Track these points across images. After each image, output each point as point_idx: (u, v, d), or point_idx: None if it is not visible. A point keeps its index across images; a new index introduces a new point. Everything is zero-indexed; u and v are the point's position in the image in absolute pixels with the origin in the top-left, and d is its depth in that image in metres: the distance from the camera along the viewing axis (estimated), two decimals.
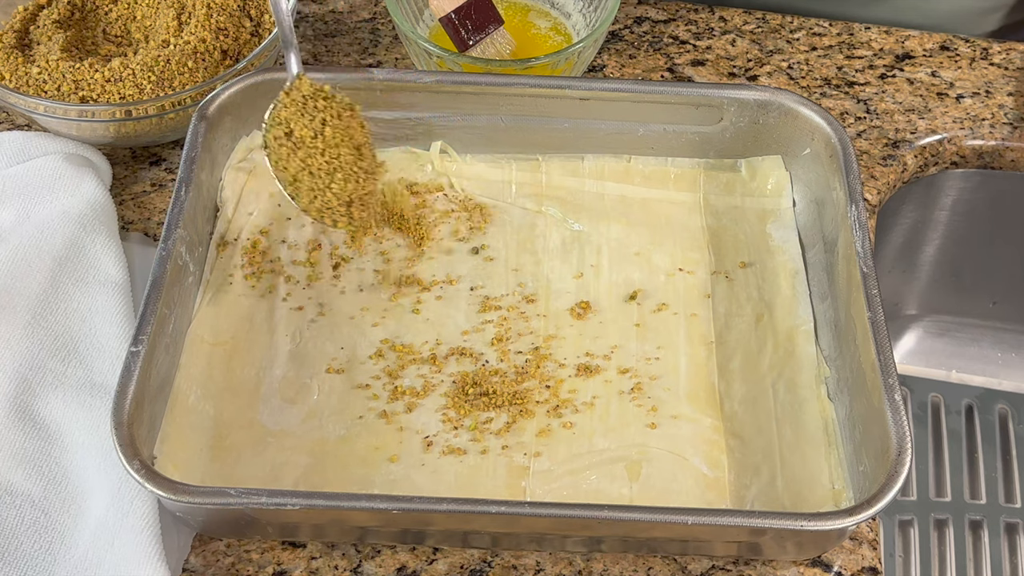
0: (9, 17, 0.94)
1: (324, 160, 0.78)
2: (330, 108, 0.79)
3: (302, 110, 0.79)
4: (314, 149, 0.79)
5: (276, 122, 0.80)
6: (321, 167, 0.79)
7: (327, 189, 0.79)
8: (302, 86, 0.80)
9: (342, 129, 0.79)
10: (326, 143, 0.78)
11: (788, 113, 0.87)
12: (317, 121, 0.79)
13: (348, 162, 0.79)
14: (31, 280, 0.82)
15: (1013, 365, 1.19)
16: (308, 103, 0.80)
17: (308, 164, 0.79)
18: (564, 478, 0.75)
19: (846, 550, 0.75)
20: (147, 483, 0.67)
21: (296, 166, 0.79)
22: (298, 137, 0.79)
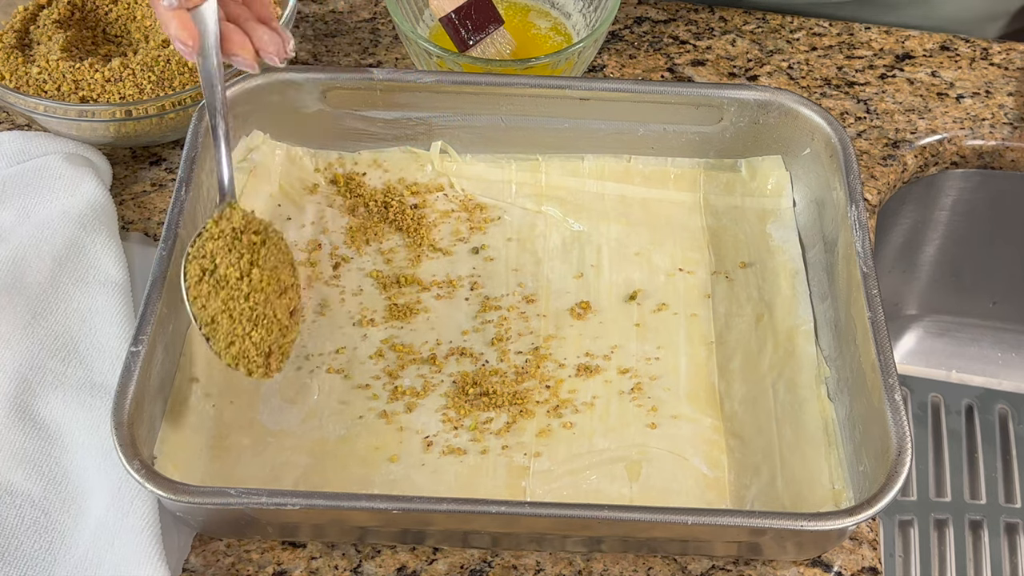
0: (9, 17, 0.94)
1: (247, 305, 0.72)
2: (261, 245, 0.74)
3: (230, 245, 0.73)
4: (238, 292, 0.72)
5: (200, 254, 0.73)
6: (243, 312, 0.72)
7: (246, 337, 0.73)
8: (233, 217, 0.74)
9: (270, 270, 0.74)
10: (251, 287, 0.73)
11: (788, 113, 0.87)
12: (245, 261, 0.73)
13: (273, 310, 0.73)
14: (31, 280, 0.82)
15: (1013, 365, 1.19)
16: (238, 238, 0.74)
17: (229, 307, 0.72)
18: (564, 478, 0.75)
19: (846, 550, 0.75)
20: (147, 483, 0.67)
21: (216, 307, 0.72)
22: (222, 276, 0.72)
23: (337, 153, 0.91)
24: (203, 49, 0.75)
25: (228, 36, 0.76)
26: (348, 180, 0.89)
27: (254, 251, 0.74)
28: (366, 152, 0.91)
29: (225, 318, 0.72)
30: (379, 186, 0.90)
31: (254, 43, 0.77)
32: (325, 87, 0.87)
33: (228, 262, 0.73)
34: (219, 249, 0.73)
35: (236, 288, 0.73)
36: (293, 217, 0.87)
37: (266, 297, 0.73)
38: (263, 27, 0.78)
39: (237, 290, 0.73)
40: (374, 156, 0.91)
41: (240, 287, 0.73)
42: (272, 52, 0.78)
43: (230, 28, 0.76)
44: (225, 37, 0.76)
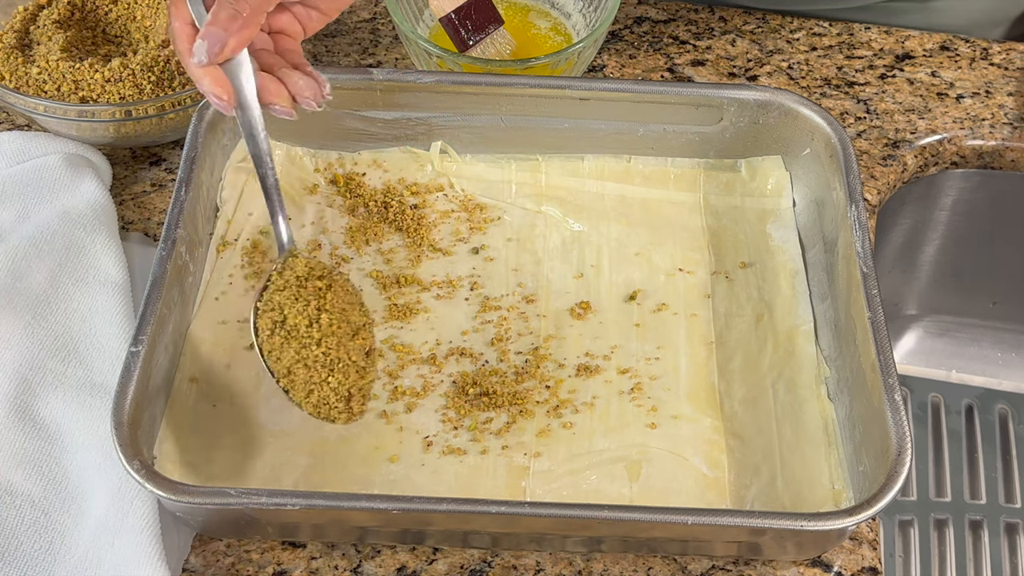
0: (9, 17, 0.94)
1: (320, 351, 0.72)
2: (327, 290, 0.74)
3: (296, 294, 0.73)
4: (309, 339, 0.72)
5: (268, 307, 0.73)
6: (317, 359, 0.72)
7: (324, 384, 0.72)
8: (296, 265, 0.74)
9: (339, 314, 0.73)
10: (322, 332, 0.72)
11: (788, 113, 0.87)
12: (312, 308, 0.73)
13: (347, 352, 0.73)
14: (31, 280, 0.82)
15: (1013, 365, 1.19)
16: (303, 286, 0.73)
17: (303, 356, 0.72)
18: (564, 478, 0.75)
19: (846, 550, 0.75)
20: (147, 483, 0.67)
21: (290, 358, 0.72)
22: (292, 326, 0.72)
23: (337, 153, 0.91)
24: (241, 102, 0.74)
25: (263, 85, 0.75)
26: (348, 180, 0.89)
27: (320, 297, 0.73)
28: (366, 152, 0.91)
29: (301, 368, 0.72)
30: (379, 186, 0.90)
31: (290, 89, 0.77)
32: None
33: (296, 311, 0.72)
34: (286, 300, 0.73)
35: (307, 336, 0.72)
36: (293, 217, 0.87)
37: (338, 341, 0.73)
38: (297, 73, 0.77)
39: (308, 338, 0.72)
40: (374, 156, 0.91)
41: (311, 334, 0.72)
42: (309, 96, 0.77)
43: (265, 77, 0.75)
44: (261, 87, 0.75)
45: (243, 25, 0.72)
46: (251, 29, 0.72)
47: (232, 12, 0.71)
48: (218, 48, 0.71)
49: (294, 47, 0.80)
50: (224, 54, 0.72)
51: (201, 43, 0.71)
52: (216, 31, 0.71)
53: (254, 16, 0.72)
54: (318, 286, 0.74)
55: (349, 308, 0.75)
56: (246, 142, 0.75)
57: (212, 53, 0.71)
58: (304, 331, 0.72)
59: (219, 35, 0.71)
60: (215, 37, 0.71)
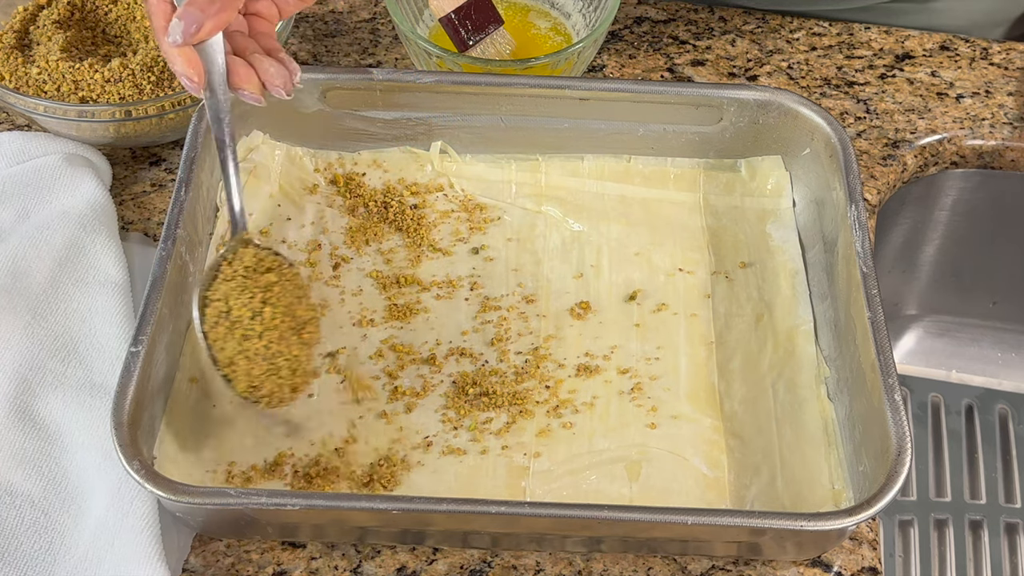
0: (9, 17, 0.94)
1: (262, 344, 0.72)
2: (275, 284, 0.73)
3: (243, 285, 0.73)
4: (251, 332, 0.72)
5: (215, 297, 0.73)
6: (259, 352, 0.72)
7: (263, 376, 0.72)
8: (245, 256, 0.74)
9: (283, 308, 0.73)
10: (264, 325, 0.72)
11: (788, 113, 0.87)
12: (257, 300, 0.72)
13: (288, 347, 0.72)
14: (31, 280, 0.82)
15: (1013, 365, 1.19)
16: (250, 277, 0.73)
17: (244, 348, 0.71)
18: (564, 478, 0.75)
19: (846, 550, 0.75)
20: (147, 483, 0.67)
21: (233, 348, 0.72)
22: (236, 317, 0.72)
23: (337, 153, 0.91)
24: (209, 84, 0.74)
25: (234, 69, 0.75)
26: (348, 180, 0.89)
27: (267, 290, 0.73)
28: (366, 152, 0.91)
29: (242, 359, 0.72)
30: (379, 186, 0.90)
31: (260, 76, 0.76)
32: (325, 87, 0.87)
33: (241, 303, 0.72)
34: (232, 290, 0.73)
35: (249, 328, 0.72)
36: (293, 217, 0.87)
37: (280, 335, 0.72)
38: (269, 59, 0.77)
39: (251, 330, 0.72)
40: (374, 156, 0.91)
41: (253, 327, 0.72)
42: (279, 85, 0.76)
43: (236, 61, 0.75)
44: (231, 71, 0.74)
45: (221, 8, 0.71)
46: (229, 12, 0.71)
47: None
48: (194, 29, 0.70)
49: (268, 31, 0.79)
50: (199, 36, 0.71)
51: (177, 23, 0.70)
52: (194, 12, 0.70)
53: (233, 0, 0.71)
54: (269, 279, 0.74)
55: (296, 302, 0.74)
56: (211, 125, 0.75)
57: (188, 34, 0.70)
58: (247, 323, 0.72)
59: (196, 16, 0.70)
60: (192, 18, 0.70)
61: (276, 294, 0.73)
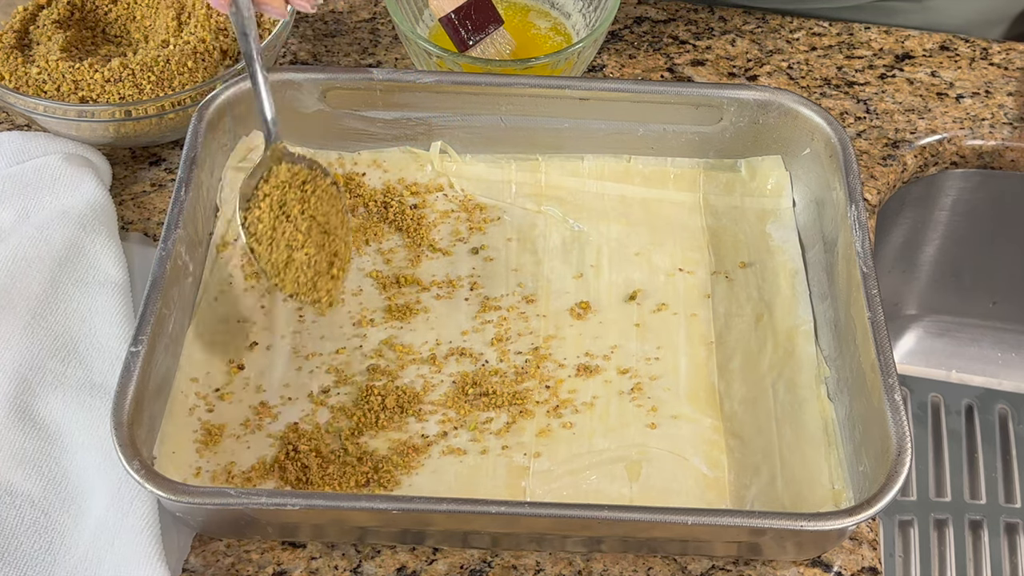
0: (9, 17, 0.94)
1: (303, 253, 0.78)
2: (309, 194, 0.79)
3: (281, 200, 0.78)
4: (295, 242, 0.77)
5: (258, 216, 0.78)
6: (303, 261, 0.78)
7: (309, 280, 0.78)
8: (280, 172, 0.79)
9: (321, 216, 0.79)
10: (304, 235, 0.78)
11: (788, 113, 0.87)
12: (296, 212, 0.78)
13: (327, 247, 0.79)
14: (31, 280, 0.82)
15: (1013, 365, 1.19)
16: (288, 191, 0.79)
17: (291, 258, 0.78)
18: (564, 478, 0.75)
19: (846, 550, 0.75)
20: (147, 483, 0.67)
21: (279, 258, 0.78)
22: (278, 232, 0.78)
23: (337, 153, 0.91)
24: (236, 1, 0.77)
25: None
26: (348, 180, 0.89)
27: (305, 201, 0.78)
28: (366, 152, 0.91)
29: (289, 269, 0.77)
30: (379, 186, 0.90)
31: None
32: (325, 87, 0.87)
33: (281, 219, 0.77)
34: (272, 207, 0.78)
35: (293, 239, 0.77)
36: None
37: (319, 241, 0.78)
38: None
39: (294, 240, 0.77)
40: (374, 156, 0.91)
41: (297, 237, 0.77)
42: (303, 3, 0.79)
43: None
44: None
45: None
46: None
47: None
48: None
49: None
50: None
51: None
52: None
53: None
54: (303, 192, 0.79)
55: (331, 209, 0.80)
56: (238, 40, 0.79)
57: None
58: (290, 235, 0.77)
59: None
60: None
61: (312, 205, 0.78)
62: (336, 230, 0.80)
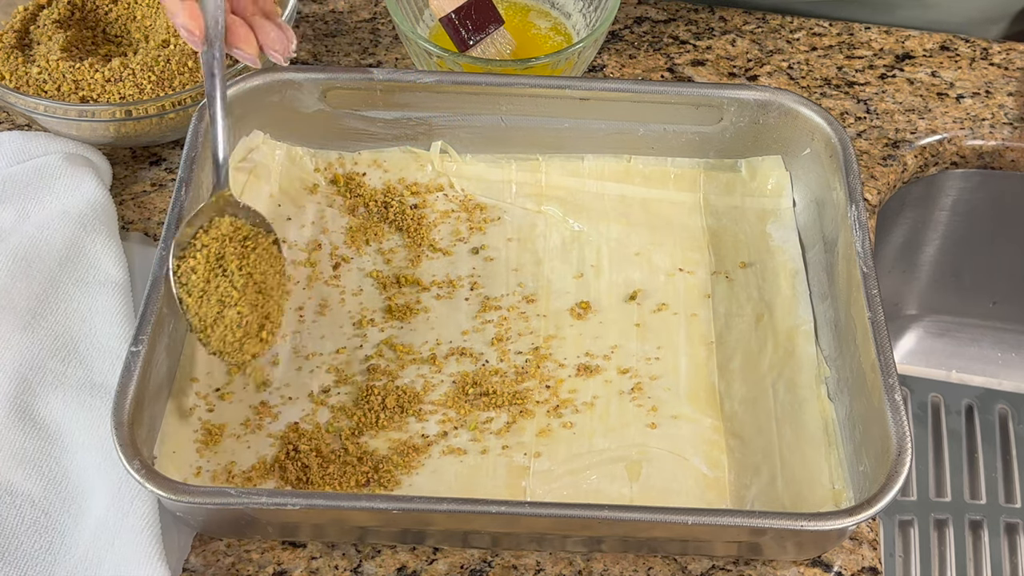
0: (9, 17, 0.94)
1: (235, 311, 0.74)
2: (251, 251, 0.76)
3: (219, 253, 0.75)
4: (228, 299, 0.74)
5: (192, 265, 0.75)
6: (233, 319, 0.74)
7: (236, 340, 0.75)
8: (222, 225, 0.76)
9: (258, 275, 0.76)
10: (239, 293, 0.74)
11: (788, 113, 0.87)
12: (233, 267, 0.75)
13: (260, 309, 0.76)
14: (31, 280, 0.82)
15: (1013, 365, 1.19)
16: (227, 246, 0.76)
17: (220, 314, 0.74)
18: (564, 478, 0.75)
19: (846, 550, 0.75)
20: (147, 483, 0.67)
21: (208, 314, 0.74)
22: (211, 286, 0.75)
23: (337, 153, 0.91)
24: (207, 39, 0.76)
25: (233, 29, 0.77)
26: (348, 180, 0.89)
27: (244, 257, 0.75)
28: (366, 152, 0.91)
29: (217, 325, 0.74)
30: (379, 186, 0.90)
31: (259, 38, 0.78)
32: (325, 87, 0.87)
33: (216, 272, 0.74)
34: (207, 259, 0.75)
35: (226, 295, 0.74)
36: (293, 217, 0.87)
37: (252, 301, 0.75)
38: (269, 23, 0.78)
39: (227, 297, 0.74)
40: (374, 156, 0.91)
41: (231, 294, 0.74)
42: (277, 50, 0.78)
43: (235, 21, 0.77)
44: (230, 30, 0.76)
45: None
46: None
47: None
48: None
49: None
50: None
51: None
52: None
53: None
54: (243, 248, 0.76)
55: (269, 269, 0.77)
56: (205, 80, 0.77)
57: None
58: (223, 290, 0.74)
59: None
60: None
61: (251, 262, 0.75)
62: (271, 291, 0.77)
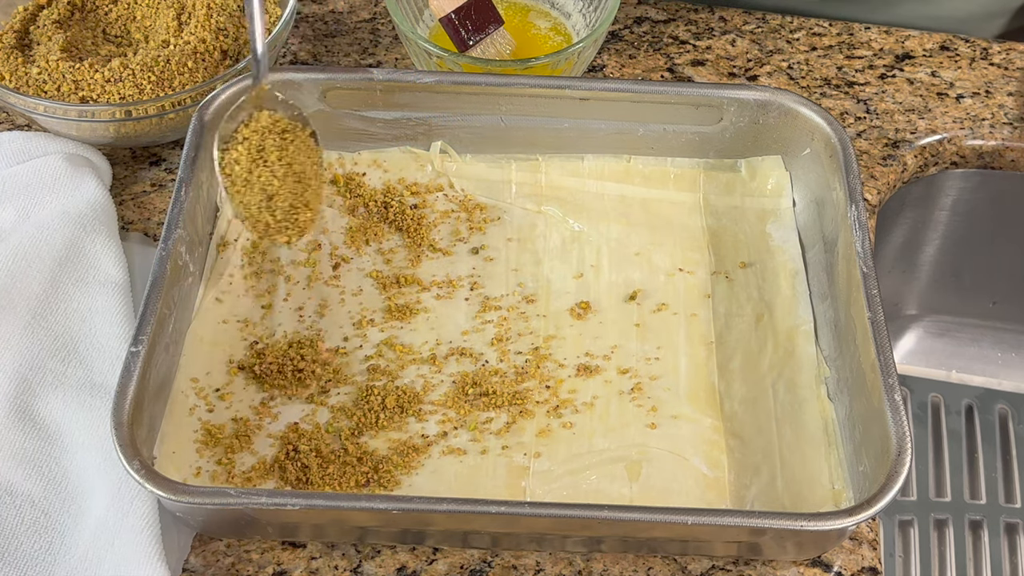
0: (9, 17, 0.94)
1: (279, 199, 0.78)
2: (289, 143, 0.80)
3: (260, 145, 0.79)
4: (269, 187, 0.78)
5: (235, 157, 0.79)
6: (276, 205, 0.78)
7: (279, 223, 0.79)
8: (261, 118, 0.80)
9: (297, 165, 0.79)
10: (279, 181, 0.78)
11: (788, 113, 0.87)
12: (273, 158, 0.79)
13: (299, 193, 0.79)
14: (31, 280, 0.82)
15: (1013, 365, 1.19)
16: (267, 137, 0.79)
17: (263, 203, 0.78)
18: (564, 478, 0.75)
19: (846, 550, 0.75)
20: (147, 483, 0.67)
21: (252, 202, 0.78)
22: (253, 176, 0.78)
23: (337, 153, 0.91)
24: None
25: None
26: (348, 180, 0.89)
27: (282, 149, 0.79)
28: (366, 152, 0.91)
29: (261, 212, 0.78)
30: (379, 186, 0.90)
31: None
32: (325, 87, 0.87)
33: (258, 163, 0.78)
34: (249, 150, 0.78)
35: (268, 184, 0.78)
36: None
37: (291, 187, 0.78)
38: None
39: (269, 185, 0.78)
40: (374, 156, 0.91)
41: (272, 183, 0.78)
42: None
43: None
44: None
45: None
46: None
47: None
48: None
49: None
50: None
51: None
52: None
53: None
54: (281, 140, 0.79)
55: (307, 160, 0.80)
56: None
57: None
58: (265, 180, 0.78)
59: None
60: None
61: (290, 153, 0.78)
62: (310, 180, 0.80)
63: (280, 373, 0.78)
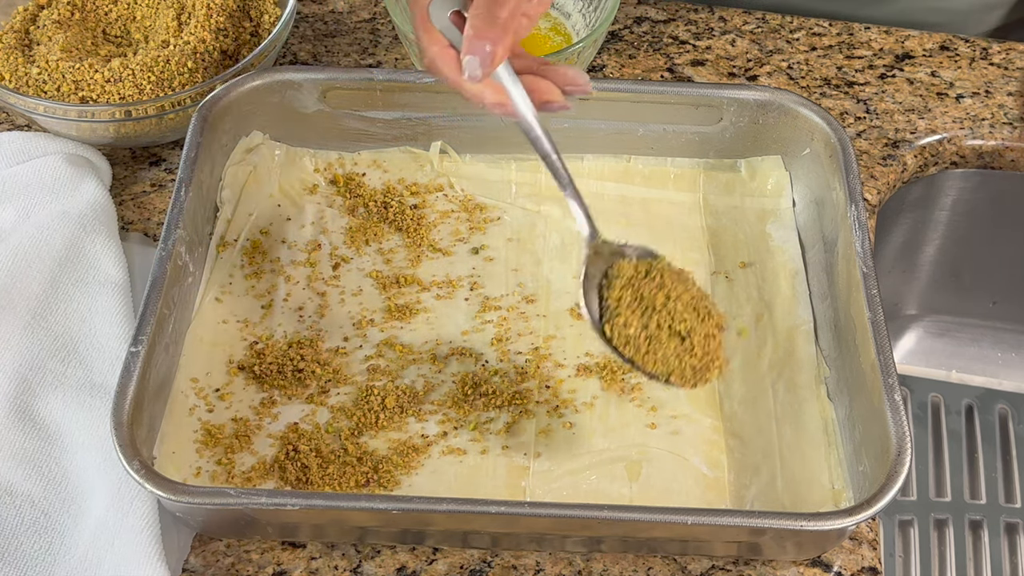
0: (9, 17, 0.94)
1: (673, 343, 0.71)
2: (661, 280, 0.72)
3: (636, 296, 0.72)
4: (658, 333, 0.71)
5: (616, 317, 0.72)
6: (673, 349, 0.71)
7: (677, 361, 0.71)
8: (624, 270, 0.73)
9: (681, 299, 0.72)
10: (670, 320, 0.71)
11: (788, 113, 0.87)
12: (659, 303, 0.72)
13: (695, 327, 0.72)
14: (31, 280, 0.82)
15: (1013, 365, 1.19)
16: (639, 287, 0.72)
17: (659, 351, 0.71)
18: (564, 478, 0.75)
19: (846, 550, 0.75)
20: (147, 483, 0.67)
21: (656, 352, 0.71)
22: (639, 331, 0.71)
23: (337, 153, 0.91)
24: (516, 107, 0.72)
25: (533, 87, 0.73)
26: (348, 180, 0.89)
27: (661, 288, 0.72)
28: (366, 152, 0.91)
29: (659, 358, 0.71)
30: (379, 186, 0.90)
31: (559, 83, 0.73)
32: (325, 87, 0.87)
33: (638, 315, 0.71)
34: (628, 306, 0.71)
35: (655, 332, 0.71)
36: (293, 217, 0.87)
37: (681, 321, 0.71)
38: (552, 67, 0.74)
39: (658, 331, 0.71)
40: (374, 156, 0.91)
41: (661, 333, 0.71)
42: (582, 84, 0.74)
43: (529, 78, 0.73)
44: (531, 88, 0.72)
45: (502, 30, 0.69)
46: (510, 31, 0.69)
47: (489, 18, 0.69)
48: (489, 59, 0.68)
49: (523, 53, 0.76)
50: (495, 63, 0.69)
51: (471, 59, 0.68)
52: (479, 43, 0.68)
53: (512, 19, 0.69)
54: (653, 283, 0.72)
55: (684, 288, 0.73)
56: (532, 143, 0.73)
57: (485, 64, 0.69)
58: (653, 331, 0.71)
59: (483, 46, 0.68)
60: (480, 49, 0.68)
61: (669, 288, 0.72)
62: (700, 302, 0.72)
63: (280, 373, 0.79)
